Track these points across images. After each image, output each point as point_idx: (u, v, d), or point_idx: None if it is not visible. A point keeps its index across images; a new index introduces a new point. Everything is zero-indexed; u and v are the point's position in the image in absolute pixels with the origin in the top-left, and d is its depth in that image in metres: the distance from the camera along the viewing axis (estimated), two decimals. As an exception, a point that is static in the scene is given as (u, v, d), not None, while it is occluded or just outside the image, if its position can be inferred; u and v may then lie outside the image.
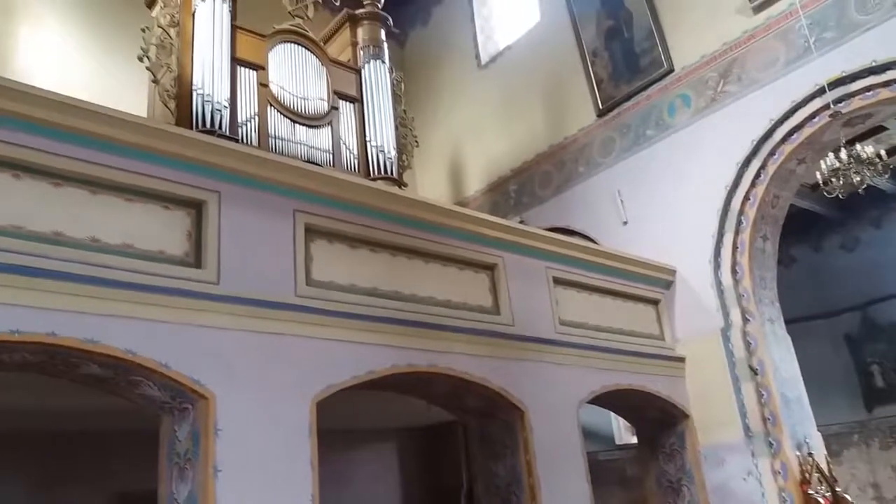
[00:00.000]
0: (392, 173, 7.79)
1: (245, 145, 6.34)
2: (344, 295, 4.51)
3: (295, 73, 7.55)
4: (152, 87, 6.91)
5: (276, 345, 4.05)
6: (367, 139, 7.86)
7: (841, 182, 5.64)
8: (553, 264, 6.06)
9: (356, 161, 7.72)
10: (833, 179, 5.67)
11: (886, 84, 5.93)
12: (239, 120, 6.84)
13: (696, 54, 7.41)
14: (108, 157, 3.69)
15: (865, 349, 10.24)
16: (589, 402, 5.95)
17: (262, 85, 7.21)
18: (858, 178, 5.58)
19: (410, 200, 5.29)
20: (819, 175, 5.79)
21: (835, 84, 6.09)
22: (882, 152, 5.64)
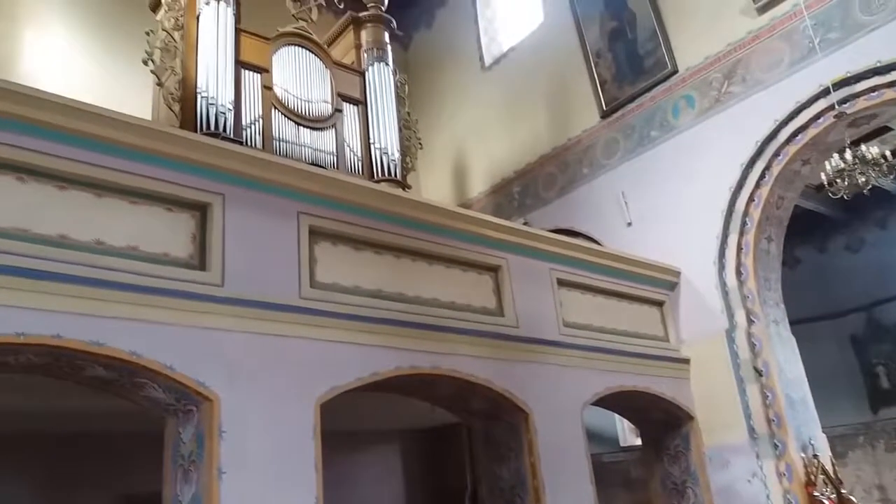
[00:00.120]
0: (396, 175, 7.79)
1: (249, 148, 6.36)
2: (348, 297, 4.51)
3: (299, 76, 7.55)
4: (157, 90, 6.94)
5: (280, 346, 4.06)
6: (371, 141, 7.87)
7: (846, 183, 5.60)
8: (557, 266, 6.06)
9: (360, 163, 7.72)
10: (838, 180, 5.64)
11: (891, 84, 5.92)
12: (243, 122, 6.85)
13: (700, 55, 7.40)
14: (112, 159, 3.71)
15: (871, 350, 10.18)
16: (593, 403, 5.95)
17: (266, 88, 7.22)
18: (863, 179, 5.54)
19: (414, 202, 5.29)
20: (824, 176, 5.75)
21: (839, 85, 6.07)
22: (887, 153, 5.60)
